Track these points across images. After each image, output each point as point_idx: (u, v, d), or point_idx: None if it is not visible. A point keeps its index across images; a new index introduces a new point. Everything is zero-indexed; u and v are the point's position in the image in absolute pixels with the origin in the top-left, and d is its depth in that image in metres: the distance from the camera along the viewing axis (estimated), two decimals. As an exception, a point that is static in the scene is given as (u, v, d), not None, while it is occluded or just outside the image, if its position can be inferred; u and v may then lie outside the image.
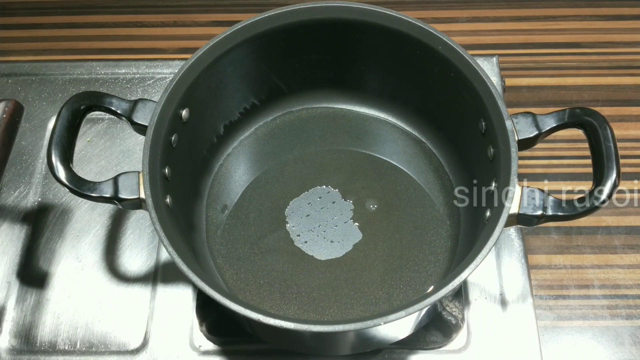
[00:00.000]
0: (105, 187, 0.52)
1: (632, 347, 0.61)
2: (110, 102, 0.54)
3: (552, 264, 0.65)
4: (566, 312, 0.63)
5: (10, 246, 0.66)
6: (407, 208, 0.65)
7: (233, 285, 0.62)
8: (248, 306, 0.46)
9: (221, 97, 0.64)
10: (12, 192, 0.69)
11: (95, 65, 0.77)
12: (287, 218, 0.65)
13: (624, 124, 0.73)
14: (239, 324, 0.59)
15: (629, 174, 0.69)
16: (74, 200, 0.68)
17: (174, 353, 0.60)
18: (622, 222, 0.67)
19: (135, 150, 0.71)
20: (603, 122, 0.50)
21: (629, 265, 0.65)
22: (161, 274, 0.64)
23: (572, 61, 0.78)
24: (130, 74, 0.76)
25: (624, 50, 0.79)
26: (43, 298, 0.64)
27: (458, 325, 0.60)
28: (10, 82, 0.76)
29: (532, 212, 0.49)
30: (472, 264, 0.47)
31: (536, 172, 0.70)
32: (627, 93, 0.76)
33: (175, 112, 0.56)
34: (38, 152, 0.71)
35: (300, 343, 0.60)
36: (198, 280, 0.48)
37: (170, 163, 0.56)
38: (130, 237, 0.67)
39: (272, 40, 0.60)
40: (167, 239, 0.49)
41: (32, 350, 0.61)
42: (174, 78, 0.56)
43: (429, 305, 0.46)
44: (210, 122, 0.65)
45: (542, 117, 0.53)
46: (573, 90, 0.76)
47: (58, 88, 0.76)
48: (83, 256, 0.65)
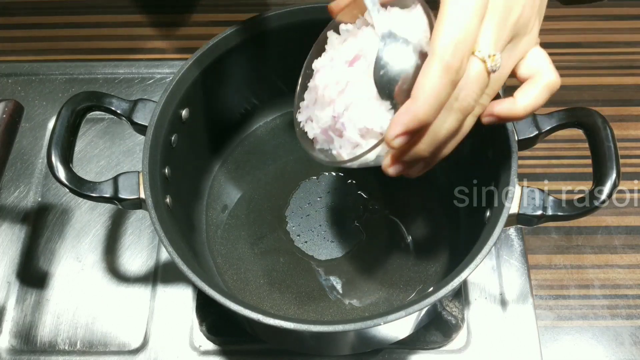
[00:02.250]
0: (105, 187, 0.52)
1: (632, 347, 0.61)
2: (110, 102, 0.54)
3: (552, 264, 0.65)
4: (566, 312, 0.63)
5: (10, 246, 0.66)
6: (407, 208, 0.65)
7: (233, 285, 0.62)
8: (248, 306, 0.46)
9: (221, 97, 0.64)
10: (12, 192, 0.69)
11: (95, 65, 0.77)
12: (287, 218, 0.65)
13: (624, 124, 0.73)
14: (239, 324, 0.60)
15: (629, 174, 0.69)
16: (74, 200, 0.68)
17: (174, 353, 0.60)
18: (622, 222, 0.67)
19: (135, 150, 0.71)
20: (603, 122, 0.50)
21: (629, 265, 0.65)
22: (161, 274, 0.64)
23: (572, 61, 0.78)
24: (130, 74, 0.77)
25: (624, 50, 0.79)
26: (43, 298, 0.64)
27: (458, 325, 0.60)
28: (10, 82, 0.76)
29: (532, 212, 0.49)
30: (472, 264, 0.47)
31: (536, 172, 0.70)
32: (627, 93, 0.76)
33: (175, 112, 0.56)
34: (38, 152, 0.71)
35: (300, 343, 0.60)
36: (198, 280, 0.48)
37: (170, 163, 0.56)
38: (130, 237, 0.67)
39: (272, 40, 0.60)
40: (167, 239, 0.49)
41: (32, 350, 0.61)
42: (174, 78, 0.56)
43: (429, 305, 0.46)
44: (210, 122, 0.65)
45: (542, 117, 0.53)
46: (573, 90, 0.76)
47: (58, 88, 0.76)
48: (83, 256, 0.65)
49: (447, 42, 0.38)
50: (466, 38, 0.38)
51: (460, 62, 0.38)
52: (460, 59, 0.38)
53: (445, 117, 0.40)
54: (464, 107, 0.40)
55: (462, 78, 0.39)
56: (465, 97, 0.40)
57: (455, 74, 0.38)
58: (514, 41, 0.42)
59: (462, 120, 0.41)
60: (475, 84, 0.40)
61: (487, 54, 0.39)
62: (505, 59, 0.41)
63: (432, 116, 0.39)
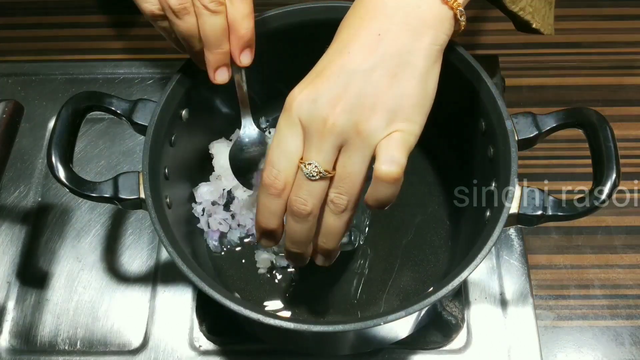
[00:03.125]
0: (105, 187, 0.52)
1: (632, 347, 0.61)
2: (110, 102, 0.54)
3: (552, 264, 0.65)
4: (566, 312, 0.63)
5: (10, 246, 0.66)
6: (407, 208, 0.65)
7: (233, 285, 0.62)
8: (248, 306, 0.46)
9: (221, 97, 0.64)
10: (12, 192, 0.69)
11: (95, 65, 0.77)
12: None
13: (624, 124, 0.73)
14: (239, 324, 0.59)
15: (629, 174, 0.69)
16: (74, 200, 0.68)
17: (174, 353, 0.60)
18: (622, 222, 0.67)
19: (135, 150, 0.71)
20: (603, 122, 0.50)
21: (629, 265, 0.65)
22: (161, 274, 0.64)
23: (572, 61, 0.78)
24: (130, 74, 0.76)
25: (624, 50, 0.79)
26: (43, 298, 0.63)
27: (458, 325, 0.60)
28: (10, 82, 0.76)
29: (532, 212, 0.49)
30: (472, 264, 0.47)
31: (536, 172, 0.70)
32: (627, 93, 0.76)
33: (175, 112, 0.56)
34: (38, 152, 0.71)
35: (300, 343, 0.60)
36: (198, 280, 0.48)
37: (170, 163, 0.56)
38: (130, 237, 0.67)
39: (272, 40, 0.60)
40: (167, 239, 0.49)
41: (32, 350, 0.61)
42: (174, 78, 0.56)
43: (429, 305, 0.46)
44: (210, 122, 0.65)
45: (542, 117, 0.53)
46: (573, 90, 0.76)
47: (58, 88, 0.75)
48: (83, 256, 0.65)
49: (267, 163, 0.46)
50: (275, 159, 0.45)
51: (276, 182, 0.45)
52: (275, 179, 0.45)
53: (293, 225, 0.46)
54: (295, 211, 0.45)
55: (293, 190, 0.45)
56: (295, 205, 0.45)
57: (274, 190, 0.45)
58: (348, 144, 0.44)
59: (311, 222, 0.46)
60: (298, 188, 0.45)
61: (305, 162, 0.44)
62: (345, 162, 0.44)
63: (271, 223, 0.47)
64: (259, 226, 0.48)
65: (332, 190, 0.45)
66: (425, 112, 0.45)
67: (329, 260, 0.50)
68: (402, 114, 0.44)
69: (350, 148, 0.44)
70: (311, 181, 0.44)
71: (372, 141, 0.44)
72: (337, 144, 0.44)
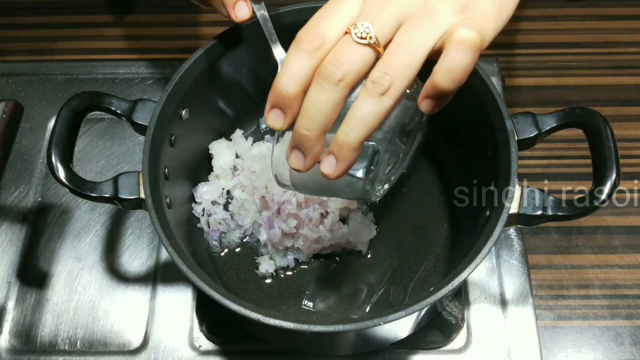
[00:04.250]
0: (105, 187, 0.52)
1: (632, 347, 0.61)
2: (110, 102, 0.54)
3: (552, 264, 0.65)
4: (566, 312, 0.63)
5: (10, 246, 0.66)
6: (407, 208, 0.65)
7: (233, 285, 0.62)
8: (248, 306, 0.46)
9: (221, 97, 0.64)
10: (12, 192, 0.69)
11: (95, 65, 0.77)
12: (287, 218, 0.65)
13: (624, 124, 0.73)
14: (239, 324, 0.60)
15: (629, 174, 0.69)
16: (74, 200, 0.68)
17: (174, 353, 0.60)
18: (622, 222, 0.67)
19: (135, 150, 0.71)
20: (603, 122, 0.50)
21: (629, 265, 0.65)
22: (161, 274, 0.64)
23: (572, 61, 0.78)
24: (130, 74, 0.77)
25: (624, 50, 0.79)
26: (43, 298, 0.64)
27: (458, 325, 0.60)
28: (10, 82, 0.76)
29: (532, 212, 0.49)
30: (472, 264, 0.47)
31: (536, 172, 0.70)
32: (627, 93, 0.76)
33: (175, 112, 0.56)
34: (38, 152, 0.71)
35: (300, 343, 0.60)
36: (198, 280, 0.48)
37: (170, 163, 0.56)
38: (130, 237, 0.67)
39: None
40: (167, 239, 0.49)
41: (32, 350, 0.61)
42: (174, 78, 0.56)
43: (429, 305, 0.46)
44: (210, 122, 0.65)
45: (542, 117, 0.53)
46: (573, 90, 0.76)
47: (58, 88, 0.76)
48: (83, 256, 0.65)
49: (307, 24, 0.40)
50: (324, 16, 0.39)
51: (314, 36, 0.39)
52: (314, 33, 0.39)
53: (317, 91, 0.39)
54: (324, 72, 0.38)
55: (331, 52, 0.39)
56: (328, 66, 0.39)
57: (307, 45, 0.39)
58: (411, 19, 0.39)
59: (340, 93, 0.39)
60: (337, 51, 0.39)
61: (356, 23, 0.38)
62: (401, 37, 0.39)
63: (290, 87, 0.39)
64: (273, 91, 0.40)
65: (376, 69, 0.39)
66: (502, 18, 0.41)
67: (338, 168, 0.40)
68: (476, 6, 0.40)
69: (413, 24, 0.39)
70: (356, 44, 0.38)
71: (439, 22, 0.39)
72: (399, 16, 0.39)
